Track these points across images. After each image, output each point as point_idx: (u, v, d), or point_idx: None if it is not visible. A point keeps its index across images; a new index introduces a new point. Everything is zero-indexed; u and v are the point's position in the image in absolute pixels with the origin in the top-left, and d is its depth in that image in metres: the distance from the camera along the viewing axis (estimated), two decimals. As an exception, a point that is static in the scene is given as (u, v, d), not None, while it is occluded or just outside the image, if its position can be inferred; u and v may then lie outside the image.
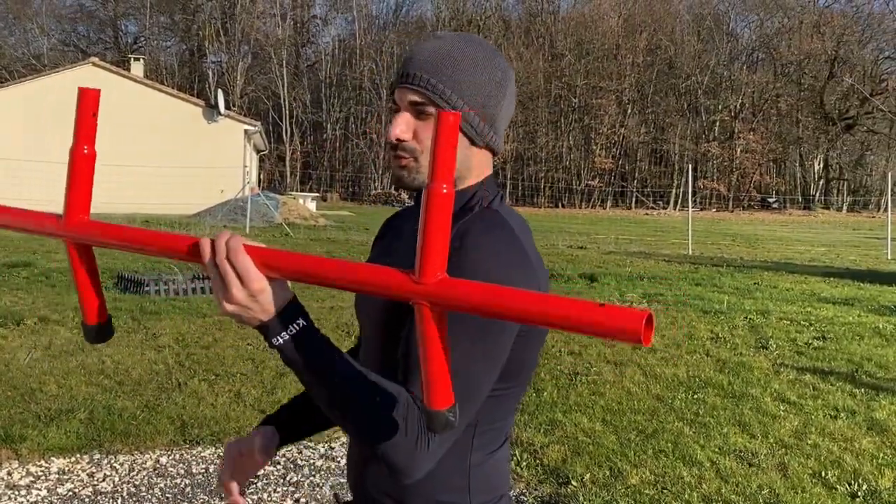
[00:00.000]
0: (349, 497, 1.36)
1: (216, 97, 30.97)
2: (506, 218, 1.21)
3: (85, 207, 1.11)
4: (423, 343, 0.92)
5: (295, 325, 1.02)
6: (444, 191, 0.88)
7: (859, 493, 3.81)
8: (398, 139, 1.19)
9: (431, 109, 1.17)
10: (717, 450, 4.36)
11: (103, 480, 3.83)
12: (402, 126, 1.18)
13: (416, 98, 1.18)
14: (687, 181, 28.06)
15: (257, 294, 0.99)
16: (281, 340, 1.01)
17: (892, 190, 21.24)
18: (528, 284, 1.15)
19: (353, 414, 1.06)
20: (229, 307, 1.00)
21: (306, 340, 1.02)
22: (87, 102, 1.09)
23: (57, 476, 3.86)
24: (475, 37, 1.24)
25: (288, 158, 55.46)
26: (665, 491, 3.78)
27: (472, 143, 1.22)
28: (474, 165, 1.24)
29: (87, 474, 3.89)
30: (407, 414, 1.06)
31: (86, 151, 1.10)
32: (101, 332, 1.12)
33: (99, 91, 1.10)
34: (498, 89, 1.21)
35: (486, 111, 1.20)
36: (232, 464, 1.41)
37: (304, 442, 4.39)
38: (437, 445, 1.08)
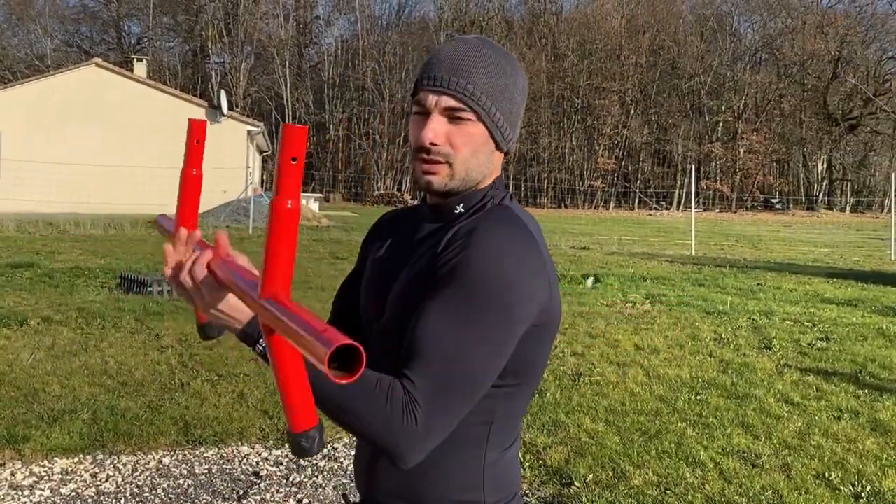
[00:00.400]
0: (357, 498, 1.36)
1: (219, 98, 30.99)
2: (517, 213, 1.23)
3: (194, 222, 1.15)
4: (276, 365, 0.91)
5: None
6: (290, 206, 0.87)
7: (863, 495, 3.80)
8: (432, 143, 1.17)
9: (467, 115, 1.17)
10: (720, 451, 4.35)
11: (106, 481, 3.83)
12: (436, 129, 1.17)
13: (451, 103, 1.17)
14: (690, 182, 28.06)
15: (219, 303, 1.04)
16: (260, 348, 1.04)
17: (895, 190, 21.17)
18: (539, 275, 1.16)
19: (342, 410, 1.07)
20: (207, 315, 1.07)
21: None
22: (194, 131, 1.16)
23: (60, 476, 3.86)
24: (495, 43, 1.25)
25: (290, 159, 55.38)
26: (668, 492, 3.77)
27: (498, 146, 1.23)
28: (494, 169, 1.25)
29: (91, 475, 3.89)
30: (388, 400, 1.06)
31: (195, 173, 1.18)
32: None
33: (205, 122, 1.17)
34: (521, 97, 1.24)
35: (511, 117, 1.22)
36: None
37: (307, 442, 4.39)
38: (434, 427, 1.07)
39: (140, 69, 32.86)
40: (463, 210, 1.23)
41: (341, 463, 4.14)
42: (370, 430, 1.07)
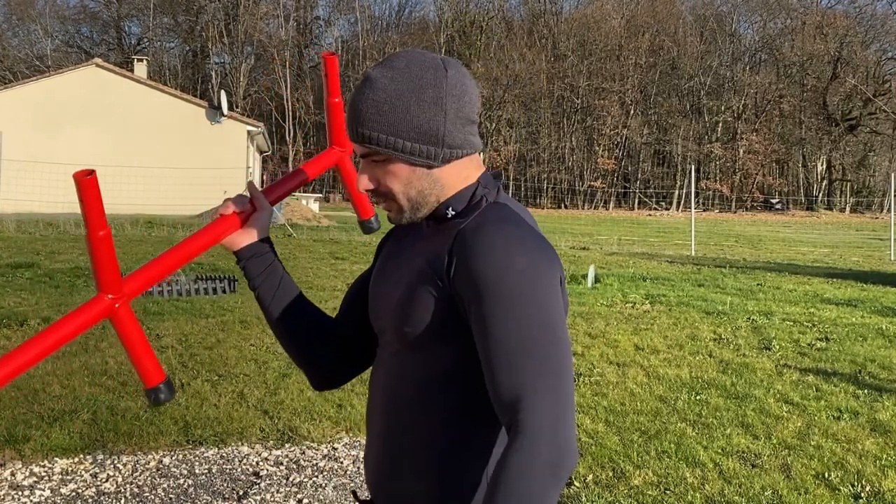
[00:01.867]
0: (366, 495, 1.36)
1: (219, 98, 30.98)
2: (514, 209, 1.25)
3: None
4: (126, 338, 1.28)
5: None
6: (101, 234, 1.20)
7: (862, 495, 3.81)
8: (366, 189, 1.27)
9: (379, 157, 1.23)
10: (720, 451, 4.36)
11: (106, 481, 3.83)
12: (365, 178, 1.26)
13: (362, 151, 1.24)
14: (690, 182, 28.06)
15: None
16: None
17: (895, 191, 21.19)
18: (554, 262, 1.18)
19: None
20: None
21: None
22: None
23: (60, 476, 3.86)
24: (399, 62, 1.22)
25: (291, 159, 55.49)
26: (668, 492, 3.78)
27: (430, 167, 1.24)
28: (448, 182, 1.25)
29: (91, 475, 3.89)
30: (534, 460, 1.06)
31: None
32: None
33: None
34: (434, 108, 1.21)
35: (428, 136, 1.21)
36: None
37: (307, 443, 4.40)
38: (556, 414, 1.09)
39: (140, 69, 32.87)
40: (454, 212, 1.25)
41: (341, 463, 4.14)
42: (539, 485, 1.05)
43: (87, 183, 1.17)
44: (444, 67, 1.23)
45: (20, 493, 3.67)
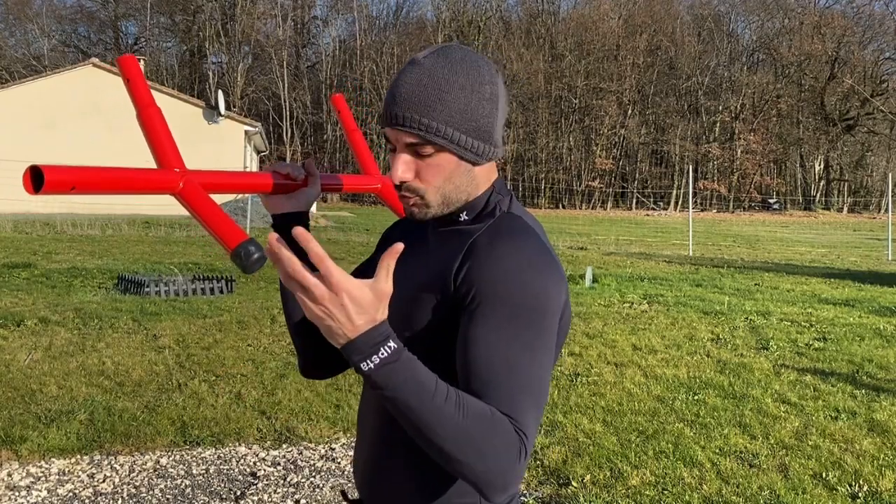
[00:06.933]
0: (357, 495, 1.36)
1: (216, 98, 30.97)
2: (528, 222, 1.23)
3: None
4: (199, 211, 1.18)
5: (386, 348, 1.00)
6: (153, 109, 1.24)
7: (860, 495, 3.81)
8: (401, 181, 1.19)
9: (429, 149, 1.17)
10: (717, 451, 4.36)
11: (103, 481, 3.82)
12: (403, 168, 1.18)
13: (411, 140, 1.17)
14: (687, 182, 28.07)
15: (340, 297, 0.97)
16: (371, 365, 0.99)
17: (892, 191, 21.23)
18: (560, 281, 1.18)
19: (453, 449, 1.02)
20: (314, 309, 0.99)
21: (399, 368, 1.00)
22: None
23: (57, 477, 3.85)
24: (455, 54, 1.19)
25: (288, 159, 55.40)
26: (665, 492, 3.78)
27: (475, 164, 1.22)
28: (481, 181, 1.24)
29: (88, 475, 3.89)
30: (507, 439, 1.05)
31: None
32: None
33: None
34: (490, 105, 1.20)
35: (482, 132, 1.19)
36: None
37: (304, 443, 4.39)
38: (529, 452, 1.09)
39: (137, 69, 32.80)
40: (467, 217, 1.24)
41: (339, 463, 4.13)
42: (481, 462, 1.03)
43: (127, 61, 1.22)
44: (495, 68, 1.24)
45: (17, 493, 3.66)
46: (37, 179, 0.98)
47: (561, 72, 59.62)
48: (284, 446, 4.35)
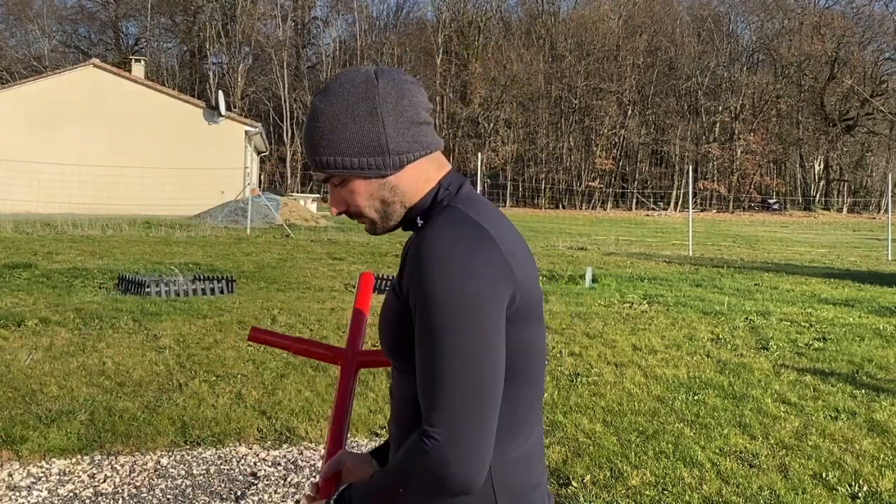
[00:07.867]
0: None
1: (217, 98, 30.98)
2: (465, 210, 1.22)
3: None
4: (338, 392, 1.56)
5: None
6: (365, 315, 1.66)
7: (860, 495, 3.81)
8: (337, 212, 1.33)
9: (338, 180, 1.27)
10: (717, 451, 4.36)
11: (104, 482, 3.83)
12: (333, 201, 1.32)
13: (323, 177, 1.28)
14: (687, 182, 28.07)
15: None
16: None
17: (892, 191, 21.24)
18: (493, 262, 1.16)
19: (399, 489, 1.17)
20: None
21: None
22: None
23: (58, 477, 3.86)
24: (333, 86, 1.26)
25: (288, 160, 55.46)
26: (665, 492, 3.78)
27: (384, 177, 1.25)
28: (408, 187, 1.27)
29: (88, 475, 3.89)
30: (419, 460, 1.13)
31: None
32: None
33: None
34: (369, 120, 1.23)
35: (371, 148, 1.23)
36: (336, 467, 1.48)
37: (305, 443, 4.40)
38: (459, 436, 1.11)
39: (138, 70, 32.84)
40: (422, 221, 1.27)
41: (339, 463, 4.13)
42: (423, 493, 1.15)
43: (366, 278, 1.70)
44: (375, 78, 1.25)
45: (17, 493, 3.66)
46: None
47: (561, 72, 59.62)
48: (285, 446, 4.35)
